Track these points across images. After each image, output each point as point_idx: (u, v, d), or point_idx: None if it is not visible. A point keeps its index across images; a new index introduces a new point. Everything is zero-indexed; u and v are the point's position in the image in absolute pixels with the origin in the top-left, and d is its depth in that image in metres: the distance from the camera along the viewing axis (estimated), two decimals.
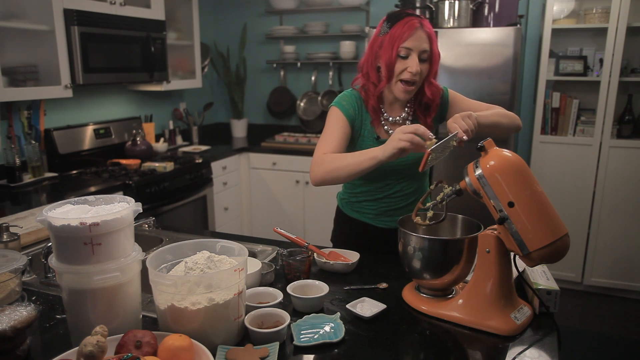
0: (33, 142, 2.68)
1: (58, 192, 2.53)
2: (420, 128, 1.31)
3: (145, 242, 1.71)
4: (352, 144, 1.62)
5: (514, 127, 1.62)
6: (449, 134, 1.32)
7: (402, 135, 1.30)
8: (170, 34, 3.43)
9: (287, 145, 3.74)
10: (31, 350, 1.05)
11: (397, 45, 1.46)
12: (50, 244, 1.21)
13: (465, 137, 1.30)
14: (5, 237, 1.47)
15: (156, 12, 3.17)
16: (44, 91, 2.54)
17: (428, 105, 1.60)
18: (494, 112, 1.55)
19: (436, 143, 1.26)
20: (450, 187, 1.22)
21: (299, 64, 4.13)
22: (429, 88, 1.56)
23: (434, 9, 3.03)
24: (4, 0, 2.49)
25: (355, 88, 1.63)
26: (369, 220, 1.69)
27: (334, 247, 1.68)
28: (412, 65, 1.46)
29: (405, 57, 1.47)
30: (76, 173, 2.90)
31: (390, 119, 1.60)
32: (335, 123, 1.56)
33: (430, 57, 1.50)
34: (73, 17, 2.57)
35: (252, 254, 1.55)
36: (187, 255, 1.12)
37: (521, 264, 1.20)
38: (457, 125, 1.32)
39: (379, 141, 1.57)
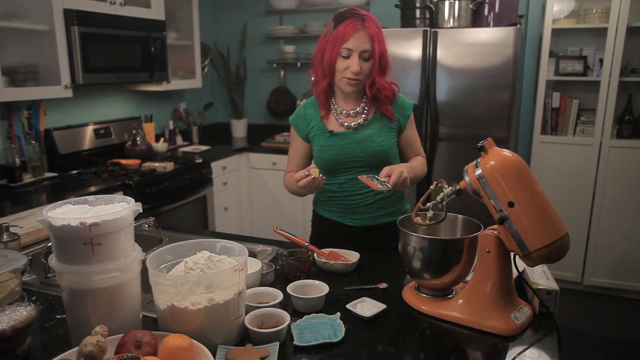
0: (33, 142, 2.68)
1: (58, 192, 2.53)
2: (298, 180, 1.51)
3: (145, 242, 1.71)
4: (312, 143, 1.73)
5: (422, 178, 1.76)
6: (382, 177, 1.50)
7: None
8: (170, 34, 3.43)
9: (287, 145, 3.71)
10: (31, 350, 1.05)
11: (339, 45, 1.55)
12: (50, 244, 1.21)
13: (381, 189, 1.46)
14: (5, 237, 1.47)
15: (156, 12, 3.17)
16: (44, 91, 2.54)
17: (377, 98, 1.65)
18: (421, 164, 1.73)
19: (378, 181, 1.47)
20: (450, 187, 1.22)
21: (299, 64, 4.12)
22: (374, 85, 1.61)
23: (434, 9, 3.03)
24: (4, 0, 2.49)
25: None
26: (338, 219, 1.73)
27: None
28: (352, 65, 1.55)
29: (347, 57, 1.56)
30: (76, 173, 2.90)
31: (344, 112, 1.67)
32: (292, 142, 1.78)
33: (373, 55, 1.56)
34: (73, 17, 2.57)
35: (252, 254, 1.55)
36: (187, 255, 1.12)
37: (521, 264, 1.20)
38: (393, 179, 1.46)
39: (333, 134, 1.66)
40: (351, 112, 1.66)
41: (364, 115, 1.67)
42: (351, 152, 1.64)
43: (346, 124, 1.66)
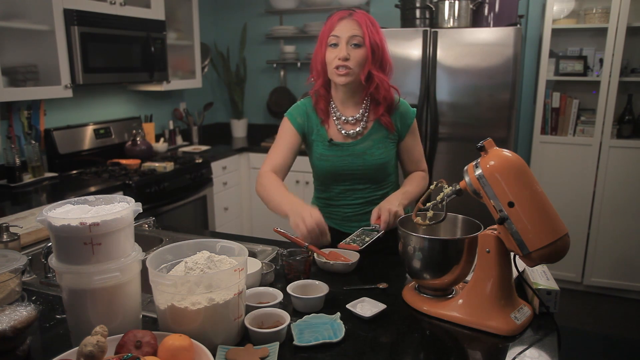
0: (33, 142, 2.68)
1: (58, 192, 2.53)
2: (314, 231, 1.34)
3: (145, 242, 1.71)
4: (307, 148, 1.68)
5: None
6: (372, 222, 1.48)
7: (302, 223, 1.35)
8: (170, 34, 3.42)
9: None
10: (31, 350, 1.05)
11: (327, 35, 1.51)
12: (50, 244, 1.21)
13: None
14: (5, 237, 1.47)
15: (156, 12, 3.17)
16: (44, 91, 2.54)
17: (378, 102, 1.58)
18: (417, 185, 1.64)
19: (364, 244, 1.42)
20: (450, 187, 1.22)
21: (299, 64, 4.13)
22: (372, 79, 1.53)
23: (434, 9, 3.03)
24: (4, 0, 2.49)
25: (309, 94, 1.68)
26: (336, 226, 1.71)
27: None
28: (340, 51, 1.48)
29: (336, 46, 1.50)
30: (76, 173, 2.90)
31: (343, 118, 1.61)
32: (283, 134, 1.64)
33: (363, 42, 1.49)
34: (73, 17, 2.57)
35: (252, 254, 1.55)
36: (187, 255, 1.12)
37: (521, 264, 1.20)
38: (383, 220, 1.45)
39: (332, 144, 1.60)
40: (350, 118, 1.60)
41: (363, 123, 1.60)
42: (349, 165, 1.60)
43: (344, 131, 1.60)
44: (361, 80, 1.54)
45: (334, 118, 1.62)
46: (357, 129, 1.60)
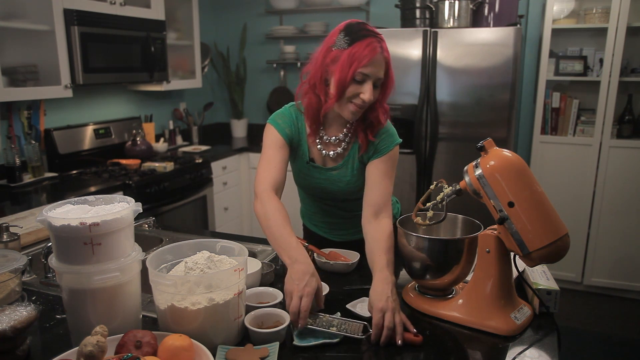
0: (33, 142, 2.68)
1: (58, 192, 2.53)
2: (305, 306, 1.10)
3: (145, 242, 1.71)
4: (292, 159, 1.56)
5: None
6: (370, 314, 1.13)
7: (297, 293, 1.11)
8: (170, 34, 3.43)
9: None
10: (31, 350, 1.05)
11: (355, 68, 1.31)
12: (50, 244, 1.21)
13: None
14: (5, 237, 1.48)
15: (156, 12, 3.17)
16: (44, 91, 2.54)
17: (372, 124, 1.46)
18: (391, 246, 1.33)
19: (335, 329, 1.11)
20: (450, 187, 1.22)
21: (299, 64, 4.12)
22: (376, 110, 1.44)
23: (434, 9, 3.03)
24: (4, 0, 2.49)
25: (297, 104, 1.52)
26: (324, 234, 1.72)
27: None
28: (366, 92, 1.34)
29: (361, 82, 1.34)
30: (76, 173, 2.90)
31: (325, 137, 1.50)
32: (272, 145, 1.48)
33: (384, 84, 1.39)
34: (73, 17, 2.57)
35: (252, 254, 1.55)
36: (187, 255, 1.12)
37: (521, 264, 1.20)
38: (384, 326, 1.09)
39: (309, 164, 1.52)
40: (332, 139, 1.49)
41: (344, 144, 1.49)
42: (326, 189, 1.55)
43: (325, 151, 1.50)
44: None
45: (317, 136, 1.51)
46: (338, 150, 1.50)
